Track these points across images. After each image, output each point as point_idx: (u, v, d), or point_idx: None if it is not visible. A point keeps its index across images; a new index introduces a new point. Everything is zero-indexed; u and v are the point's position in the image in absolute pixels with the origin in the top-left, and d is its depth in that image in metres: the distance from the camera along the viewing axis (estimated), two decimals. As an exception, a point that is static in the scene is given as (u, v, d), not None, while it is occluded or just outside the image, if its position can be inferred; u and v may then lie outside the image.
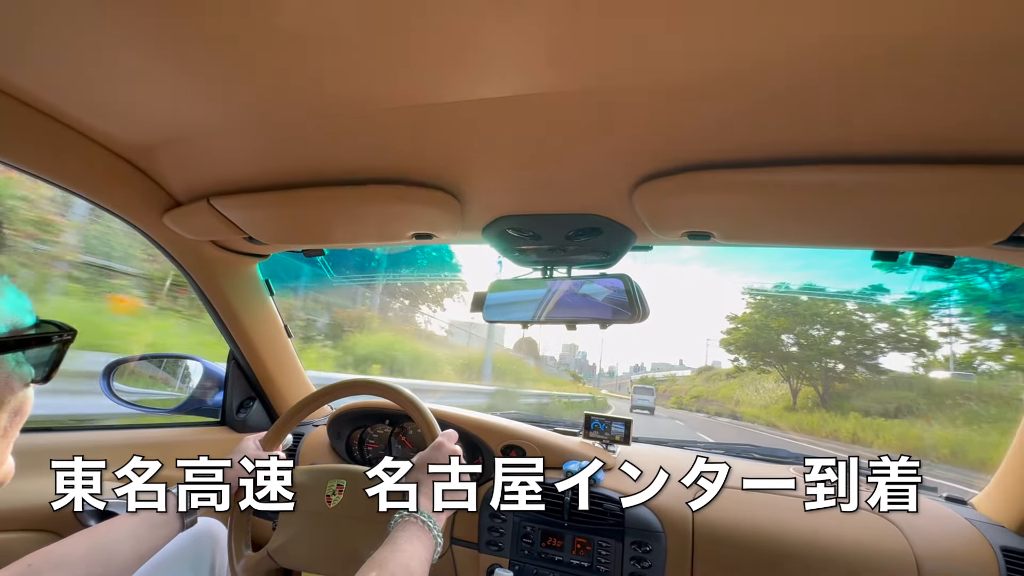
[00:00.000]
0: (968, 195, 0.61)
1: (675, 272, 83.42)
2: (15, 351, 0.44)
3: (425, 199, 0.82)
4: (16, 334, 0.44)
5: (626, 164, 0.70)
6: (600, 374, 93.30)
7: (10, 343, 0.43)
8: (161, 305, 4.54)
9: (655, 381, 49.19)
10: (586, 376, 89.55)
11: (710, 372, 40.29)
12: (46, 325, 0.47)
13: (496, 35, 0.47)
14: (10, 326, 0.43)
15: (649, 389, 27.75)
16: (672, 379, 48.47)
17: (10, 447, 0.46)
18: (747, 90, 0.53)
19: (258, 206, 0.91)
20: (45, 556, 0.61)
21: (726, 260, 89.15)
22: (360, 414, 1.32)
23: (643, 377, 56.30)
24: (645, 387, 29.07)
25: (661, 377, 54.24)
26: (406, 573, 0.60)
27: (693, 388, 37.95)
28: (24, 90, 0.66)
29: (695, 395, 34.60)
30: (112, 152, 0.82)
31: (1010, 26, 0.40)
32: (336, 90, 0.59)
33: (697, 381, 40.03)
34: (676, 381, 46.03)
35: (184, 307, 4.48)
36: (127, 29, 0.52)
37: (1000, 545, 0.85)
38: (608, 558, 1.00)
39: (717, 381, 34.40)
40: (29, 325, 0.45)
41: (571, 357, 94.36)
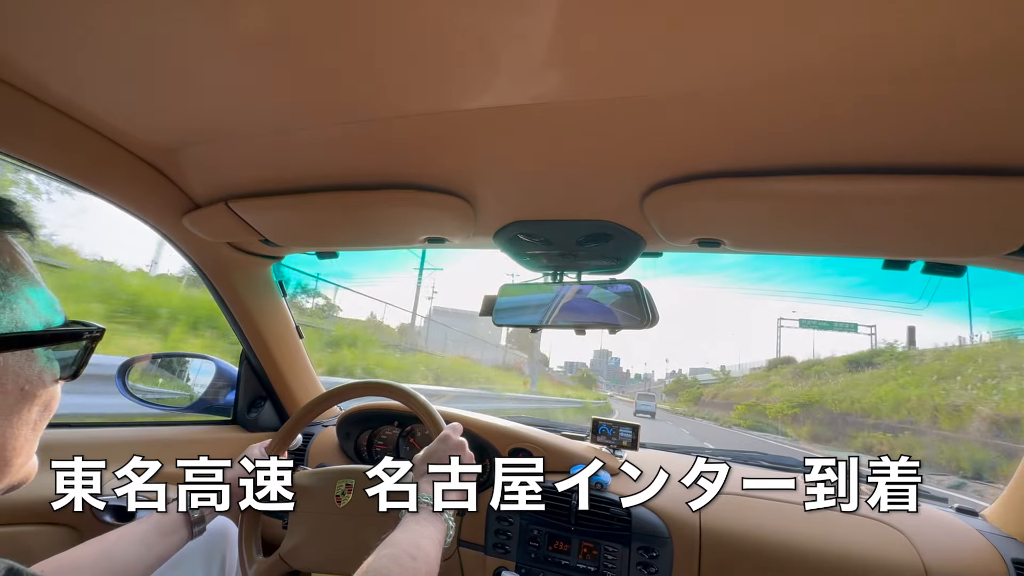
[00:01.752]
0: (980, 206, 0.61)
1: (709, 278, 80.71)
2: (49, 346, 0.45)
3: (438, 204, 0.83)
4: (50, 330, 0.45)
5: (637, 172, 0.71)
6: (635, 379, 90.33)
7: (46, 337, 0.45)
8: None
9: (699, 384, 46.67)
10: (614, 381, 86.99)
11: (795, 367, 28.27)
12: (75, 324, 0.49)
13: (509, 44, 0.49)
14: (44, 323, 0.45)
15: (651, 396, 37.35)
16: (726, 381, 41.41)
17: (36, 443, 0.48)
18: (759, 100, 0.53)
19: (275, 209, 0.93)
20: (56, 564, 0.63)
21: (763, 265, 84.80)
22: (369, 415, 1.34)
23: (646, 392, 54.88)
24: (647, 394, 40.01)
25: (705, 380, 49.88)
26: (418, 551, 0.61)
27: (771, 389, 25.74)
28: (51, 92, 0.67)
29: (794, 400, 21.18)
30: (135, 155, 0.84)
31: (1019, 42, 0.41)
32: (354, 97, 0.61)
33: (774, 381, 27.62)
34: (732, 383, 37.95)
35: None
36: (157, 36, 0.54)
37: (1012, 558, 0.84)
38: (615, 563, 1.00)
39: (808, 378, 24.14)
40: (60, 324, 0.47)
41: (603, 363, 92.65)
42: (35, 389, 0.45)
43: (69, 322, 0.48)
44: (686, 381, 57.52)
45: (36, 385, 0.45)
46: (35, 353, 0.44)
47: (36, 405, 0.46)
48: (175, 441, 1.24)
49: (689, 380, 57.17)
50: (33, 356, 0.44)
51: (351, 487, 0.86)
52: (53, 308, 0.47)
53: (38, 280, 0.46)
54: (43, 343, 0.45)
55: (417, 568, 0.59)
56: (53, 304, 0.47)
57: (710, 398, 36.82)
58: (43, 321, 0.45)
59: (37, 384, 0.45)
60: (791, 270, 63.35)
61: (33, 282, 0.45)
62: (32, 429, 0.46)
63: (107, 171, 0.85)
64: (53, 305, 0.47)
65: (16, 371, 0.43)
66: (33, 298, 0.45)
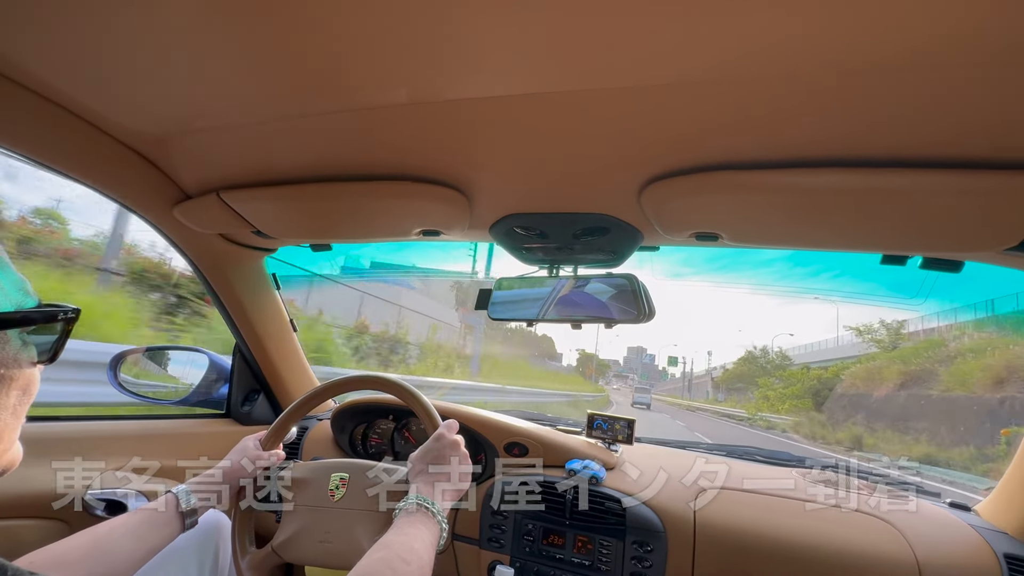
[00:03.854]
0: (979, 200, 0.60)
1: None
2: (22, 328, 0.44)
3: (433, 196, 0.82)
4: (22, 312, 0.44)
5: (635, 164, 0.70)
6: (669, 375, 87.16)
7: (17, 319, 0.44)
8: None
9: (805, 368, 25.52)
10: (645, 376, 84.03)
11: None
12: (48, 306, 0.47)
13: (505, 33, 0.48)
14: (15, 305, 0.44)
15: (646, 389, 42.88)
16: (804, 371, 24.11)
17: (19, 428, 0.47)
18: (758, 91, 0.52)
19: (267, 200, 0.91)
20: (47, 555, 0.62)
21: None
22: (364, 409, 1.33)
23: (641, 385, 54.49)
24: (643, 387, 46.99)
25: (824, 360, 25.43)
26: (411, 554, 0.61)
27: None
28: (40, 80, 0.66)
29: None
30: (124, 144, 0.83)
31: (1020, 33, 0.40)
32: (346, 86, 0.60)
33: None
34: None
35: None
36: (143, 23, 0.52)
37: (1003, 552, 0.84)
38: (609, 557, 1.00)
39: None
40: (32, 306, 0.46)
41: (637, 360, 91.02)
42: (11, 372, 0.44)
43: (42, 304, 0.47)
44: (767, 362, 33.48)
45: (12, 368, 0.44)
46: (8, 335, 0.44)
47: (14, 389, 0.45)
48: (169, 434, 1.23)
49: (774, 360, 32.95)
50: (7, 339, 0.43)
51: (345, 481, 0.86)
52: (24, 290, 0.46)
53: (6, 262, 0.45)
54: (15, 325, 0.44)
55: (410, 572, 0.58)
56: (23, 286, 0.46)
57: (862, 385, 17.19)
58: (13, 303, 0.44)
59: (13, 367, 0.44)
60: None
61: (2, 264, 0.44)
62: (12, 414, 0.45)
63: (95, 160, 0.83)
64: (24, 287, 0.46)
65: None
66: (2, 280, 0.43)
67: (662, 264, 0.99)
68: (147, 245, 5.02)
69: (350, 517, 0.82)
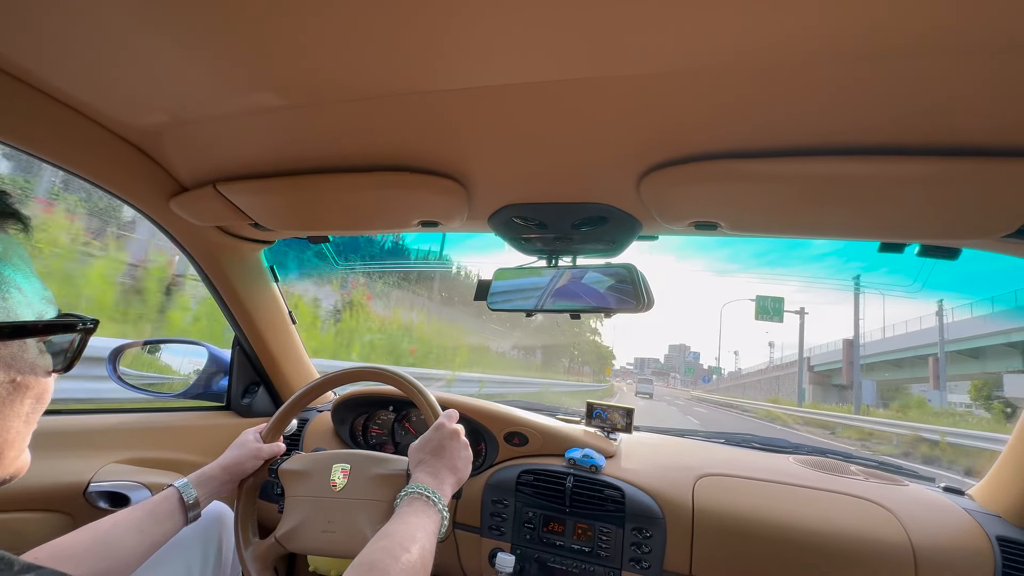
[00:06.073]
0: (976, 187, 0.60)
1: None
2: (42, 337, 0.45)
3: (431, 187, 0.82)
4: (43, 321, 0.45)
5: (634, 153, 0.69)
6: (714, 372, 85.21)
7: (38, 328, 0.44)
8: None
9: None
10: (688, 372, 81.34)
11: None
12: (68, 316, 0.48)
13: (502, 22, 0.47)
14: (36, 314, 0.45)
15: (649, 380, 44.65)
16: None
17: (29, 436, 0.47)
18: (757, 79, 0.52)
19: (264, 192, 0.91)
20: (51, 549, 0.62)
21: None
22: (364, 400, 1.34)
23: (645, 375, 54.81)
24: (645, 378, 47.27)
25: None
26: (413, 542, 0.61)
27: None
28: (31, 73, 0.65)
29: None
30: (119, 137, 0.82)
31: (1022, 19, 0.40)
32: (343, 76, 0.59)
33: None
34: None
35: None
36: (135, 12, 0.52)
37: (996, 535, 0.86)
38: (609, 543, 1.02)
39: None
40: (53, 316, 0.47)
41: (679, 358, 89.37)
42: (27, 381, 0.44)
43: (62, 314, 0.48)
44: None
45: (28, 377, 0.44)
46: (27, 344, 0.44)
47: (28, 397, 0.45)
48: (170, 427, 1.23)
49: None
50: (25, 347, 0.44)
51: (346, 472, 0.87)
52: (46, 299, 0.47)
53: (31, 271, 0.46)
54: (35, 334, 0.44)
55: (412, 560, 0.59)
56: (46, 295, 0.47)
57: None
58: (35, 312, 0.44)
59: (29, 376, 0.44)
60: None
61: (26, 273, 0.45)
62: (24, 422, 0.46)
63: (90, 153, 0.82)
64: (46, 296, 0.47)
65: (8, 362, 0.42)
66: (25, 288, 0.44)
67: (707, 260, 0.97)
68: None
69: (352, 507, 0.83)
